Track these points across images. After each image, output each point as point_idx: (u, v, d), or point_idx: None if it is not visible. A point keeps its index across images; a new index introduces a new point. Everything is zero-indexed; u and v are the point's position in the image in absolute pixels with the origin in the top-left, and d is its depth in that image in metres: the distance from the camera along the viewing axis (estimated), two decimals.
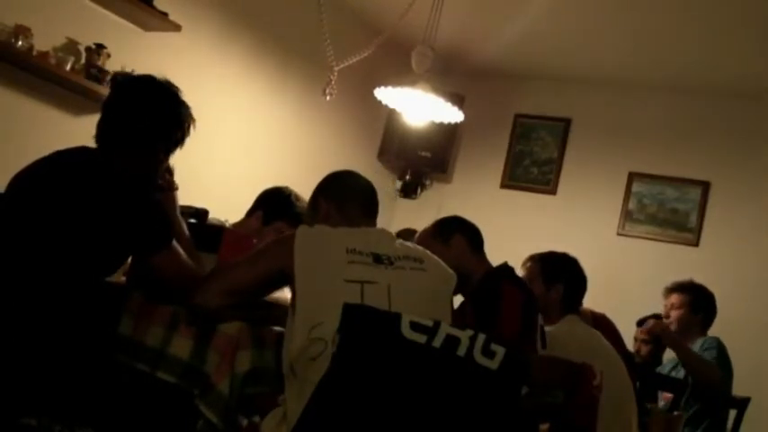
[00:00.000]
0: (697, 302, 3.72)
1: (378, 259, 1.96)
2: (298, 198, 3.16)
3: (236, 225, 3.20)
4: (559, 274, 2.94)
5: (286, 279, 1.96)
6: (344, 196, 2.18)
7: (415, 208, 5.67)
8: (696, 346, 3.63)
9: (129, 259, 2.25)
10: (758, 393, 3.84)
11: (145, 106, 2.10)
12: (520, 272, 3.08)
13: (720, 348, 3.58)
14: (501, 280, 2.58)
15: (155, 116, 2.11)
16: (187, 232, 2.19)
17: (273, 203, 3.12)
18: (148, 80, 2.17)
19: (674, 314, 3.72)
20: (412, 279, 1.97)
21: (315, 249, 1.94)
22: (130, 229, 1.98)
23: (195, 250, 2.14)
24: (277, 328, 2.20)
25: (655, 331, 3.63)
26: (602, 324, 3.13)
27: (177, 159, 2.32)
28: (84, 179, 1.99)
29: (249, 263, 2.04)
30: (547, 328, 2.81)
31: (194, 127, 2.21)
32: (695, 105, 5.26)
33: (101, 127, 2.11)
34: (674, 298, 3.75)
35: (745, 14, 4.16)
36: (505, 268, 2.71)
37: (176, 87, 2.19)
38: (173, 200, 2.23)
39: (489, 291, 2.54)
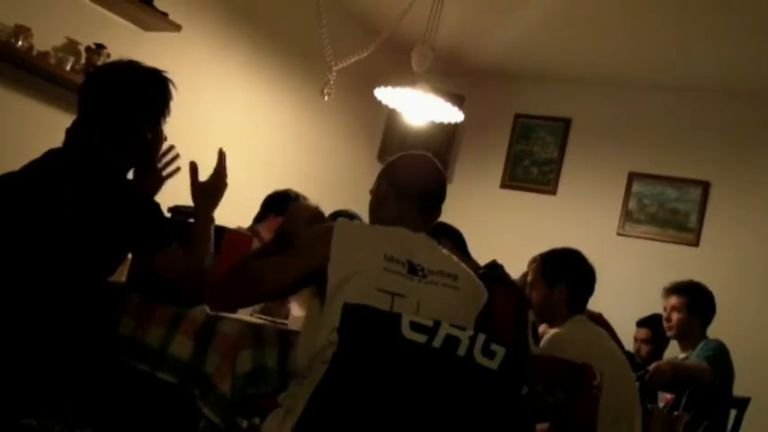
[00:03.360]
0: (695, 303, 3.70)
1: (412, 269, 1.91)
2: (305, 198, 3.34)
3: (251, 230, 3.27)
4: (561, 274, 2.83)
5: (315, 278, 1.88)
6: (406, 189, 2.05)
7: None
8: (697, 349, 3.62)
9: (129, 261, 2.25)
10: (758, 393, 3.84)
11: (113, 95, 2.06)
12: (518, 273, 3.07)
13: (719, 350, 3.57)
14: (491, 282, 2.57)
15: (124, 103, 2.06)
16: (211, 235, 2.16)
17: (285, 205, 3.21)
18: (116, 68, 2.14)
19: (675, 317, 3.71)
20: (442, 296, 1.92)
21: (352, 250, 1.87)
22: (130, 229, 1.98)
23: (210, 250, 2.12)
24: (278, 327, 2.20)
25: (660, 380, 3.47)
26: (599, 324, 3.11)
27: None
28: (81, 179, 1.98)
29: (281, 260, 1.93)
30: (553, 330, 2.79)
31: (175, 88, 2.13)
32: (695, 105, 5.26)
33: (83, 124, 2.08)
34: (673, 300, 3.72)
35: (745, 15, 4.17)
36: (494, 267, 2.71)
37: (137, 62, 2.13)
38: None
39: None
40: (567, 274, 2.84)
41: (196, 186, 2.17)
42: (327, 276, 1.83)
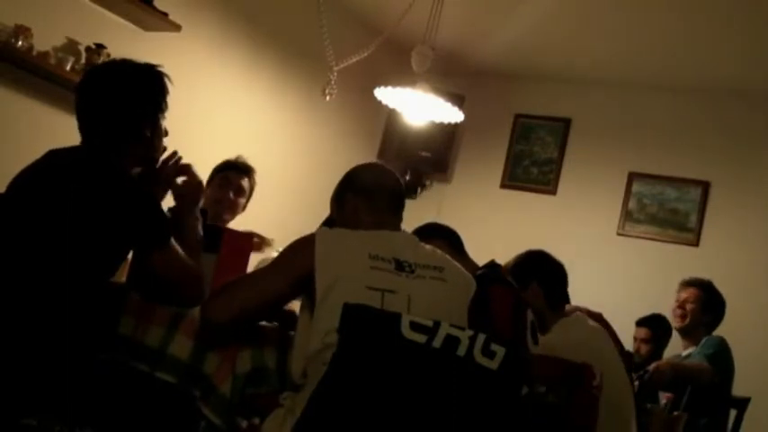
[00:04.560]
0: (709, 302, 3.75)
1: (399, 266, 1.92)
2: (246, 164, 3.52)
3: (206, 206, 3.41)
4: (528, 274, 2.82)
5: (304, 287, 1.90)
6: (373, 191, 2.08)
7: (415, 208, 5.63)
8: (699, 345, 3.64)
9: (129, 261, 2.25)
10: (759, 393, 3.84)
11: (112, 95, 2.04)
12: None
13: (720, 347, 3.59)
14: (489, 282, 2.56)
15: (119, 103, 2.04)
16: (200, 232, 2.16)
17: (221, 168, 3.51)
18: (108, 68, 2.14)
19: (689, 307, 3.75)
20: (431, 289, 1.94)
21: (336, 254, 1.89)
22: (129, 227, 1.97)
23: (200, 249, 2.12)
24: (278, 327, 2.20)
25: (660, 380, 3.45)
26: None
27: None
28: (80, 179, 1.98)
29: (268, 274, 1.96)
30: (542, 339, 2.74)
31: (170, 82, 2.11)
32: (695, 105, 5.26)
33: (83, 123, 2.08)
34: (690, 292, 3.77)
35: (745, 15, 4.17)
36: (492, 267, 2.70)
37: (129, 60, 2.11)
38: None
39: (477, 294, 2.52)
40: (533, 271, 2.84)
41: (176, 189, 2.18)
42: (315, 282, 1.85)
